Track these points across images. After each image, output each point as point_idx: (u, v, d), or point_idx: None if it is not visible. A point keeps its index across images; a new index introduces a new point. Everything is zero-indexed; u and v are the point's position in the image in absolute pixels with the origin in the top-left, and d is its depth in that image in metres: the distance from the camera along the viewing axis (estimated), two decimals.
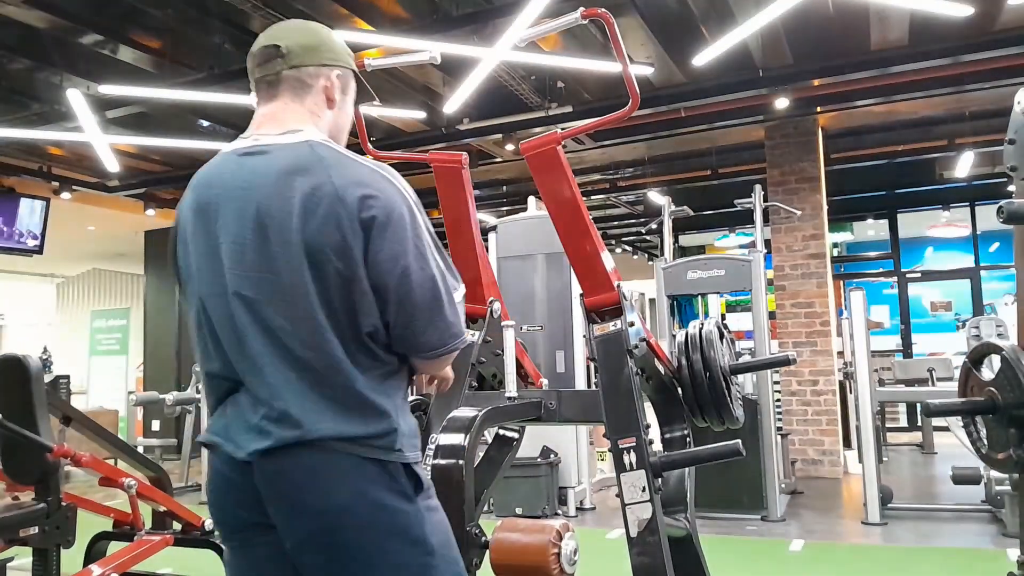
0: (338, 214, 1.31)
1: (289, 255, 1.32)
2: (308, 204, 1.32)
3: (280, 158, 1.36)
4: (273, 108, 1.44)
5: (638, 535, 1.90)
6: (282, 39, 1.43)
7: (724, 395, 2.23)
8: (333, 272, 1.32)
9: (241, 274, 1.35)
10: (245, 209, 1.36)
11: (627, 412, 1.96)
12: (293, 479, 1.30)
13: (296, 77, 1.43)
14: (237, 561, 1.42)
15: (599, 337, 2.04)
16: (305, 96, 1.44)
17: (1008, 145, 2.09)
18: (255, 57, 1.46)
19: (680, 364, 2.27)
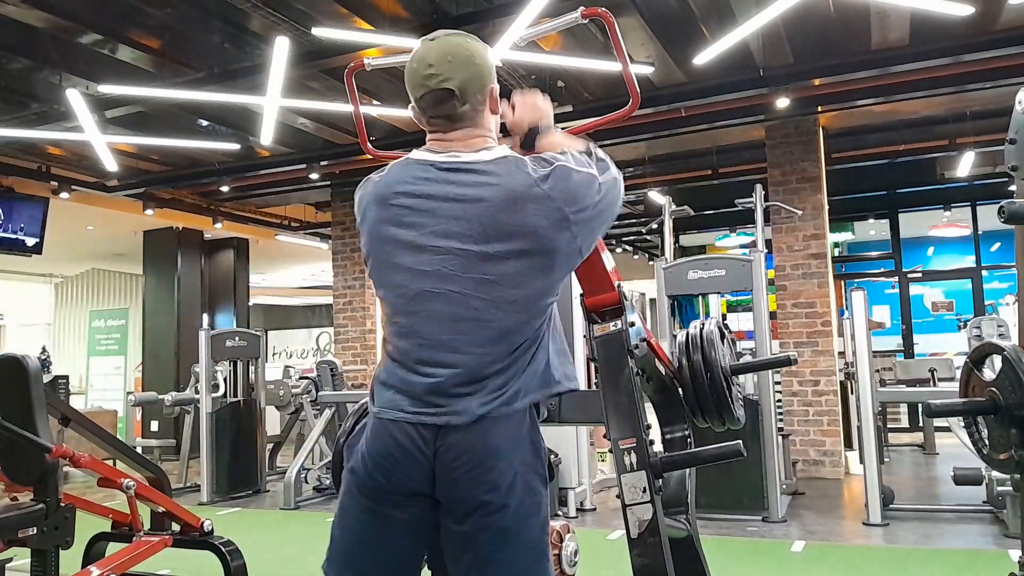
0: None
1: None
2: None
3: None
4: (457, 135, 1.58)
5: (639, 536, 1.88)
6: (451, 79, 1.52)
7: (725, 395, 2.22)
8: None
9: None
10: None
11: (627, 413, 1.95)
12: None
13: (471, 109, 1.56)
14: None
15: (599, 337, 2.03)
16: (481, 119, 1.58)
17: (1009, 145, 2.08)
18: (427, 98, 1.55)
19: (681, 364, 2.26)
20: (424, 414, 1.52)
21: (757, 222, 6.82)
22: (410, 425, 1.53)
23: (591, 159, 1.60)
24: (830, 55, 6.17)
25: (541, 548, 1.58)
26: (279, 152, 8.31)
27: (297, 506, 6.72)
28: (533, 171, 1.51)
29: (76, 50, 5.71)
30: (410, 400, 1.53)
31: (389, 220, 1.56)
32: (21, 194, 8.55)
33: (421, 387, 1.53)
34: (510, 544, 1.53)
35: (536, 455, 1.57)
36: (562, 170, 1.52)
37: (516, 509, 1.53)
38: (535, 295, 1.57)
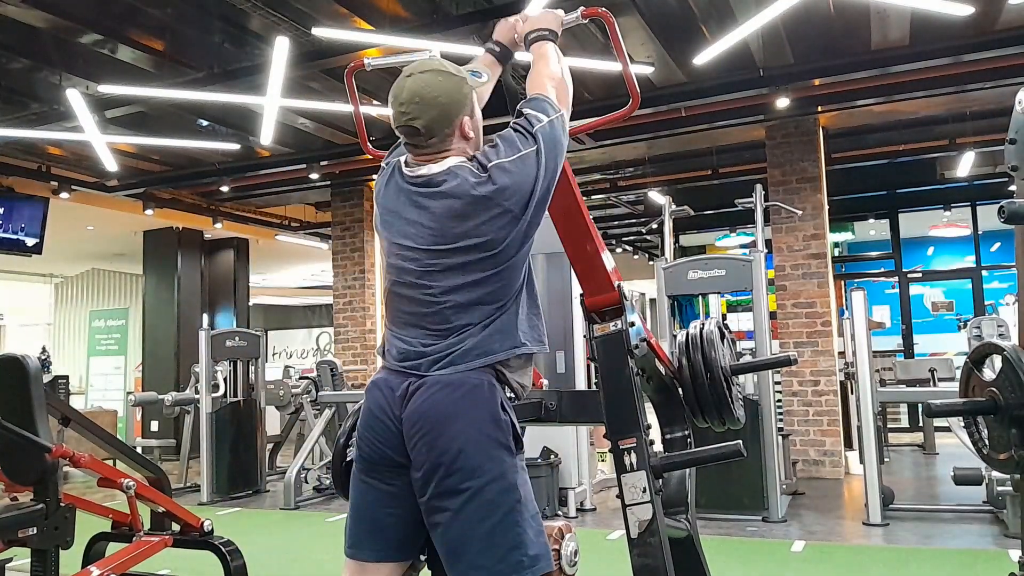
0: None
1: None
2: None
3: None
4: (424, 156, 1.77)
5: (639, 536, 1.89)
6: (418, 119, 1.71)
7: (725, 395, 2.22)
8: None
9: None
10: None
11: (627, 413, 1.95)
12: None
13: (438, 140, 1.74)
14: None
15: (599, 337, 2.03)
16: (449, 145, 1.76)
17: (1009, 145, 2.08)
18: (400, 130, 1.75)
19: (681, 364, 2.26)
20: (397, 370, 1.74)
21: (757, 222, 6.82)
22: (386, 388, 1.73)
23: (532, 114, 1.76)
24: (830, 55, 6.17)
25: (507, 511, 1.64)
26: (279, 152, 8.31)
27: (297, 506, 6.72)
28: (472, 176, 1.69)
29: (76, 50, 5.71)
30: (391, 361, 1.77)
31: (379, 219, 1.83)
32: (21, 194, 8.55)
33: (396, 351, 1.76)
34: (470, 507, 1.62)
35: (495, 422, 1.67)
36: (496, 170, 1.68)
37: (471, 473, 1.62)
38: (494, 278, 1.71)
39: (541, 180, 1.70)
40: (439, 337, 1.70)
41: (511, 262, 1.71)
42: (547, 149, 1.72)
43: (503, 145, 1.73)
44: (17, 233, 8.57)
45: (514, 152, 1.70)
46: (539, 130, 1.73)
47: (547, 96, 1.80)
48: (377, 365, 10.15)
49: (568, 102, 1.85)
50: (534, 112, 1.77)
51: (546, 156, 1.71)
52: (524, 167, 1.69)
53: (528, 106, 1.79)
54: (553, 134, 1.75)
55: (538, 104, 1.79)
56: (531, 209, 1.70)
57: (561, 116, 1.78)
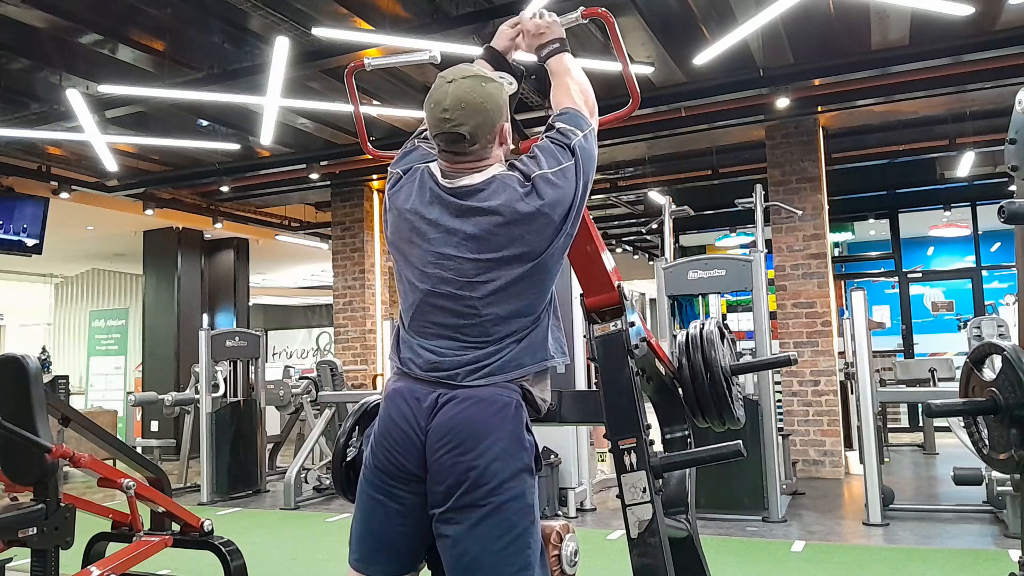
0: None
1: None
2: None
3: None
4: (463, 165, 1.75)
5: (639, 536, 1.88)
6: (464, 124, 1.68)
7: (725, 395, 2.22)
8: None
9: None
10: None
11: (627, 413, 1.95)
12: None
13: (480, 147, 1.73)
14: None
15: (599, 337, 2.03)
16: (489, 152, 1.75)
17: (1009, 145, 2.08)
18: (441, 137, 1.73)
19: (681, 364, 2.26)
20: (424, 380, 1.71)
21: (757, 222, 6.82)
22: (411, 398, 1.70)
23: (567, 128, 1.78)
24: (830, 55, 6.17)
25: (521, 531, 1.64)
26: (279, 152, 8.31)
27: (297, 506, 6.72)
28: (519, 187, 1.69)
29: (76, 50, 5.71)
30: (416, 368, 1.74)
31: (408, 227, 1.77)
32: (21, 194, 8.55)
33: (424, 361, 1.73)
34: (488, 522, 1.62)
35: (521, 442, 1.67)
36: (541, 181, 1.69)
37: (495, 489, 1.63)
38: (532, 288, 1.72)
39: (579, 193, 1.72)
40: (476, 348, 1.69)
41: (548, 273, 1.73)
42: (584, 162, 1.74)
43: (543, 156, 1.73)
44: (17, 233, 8.57)
45: (556, 164, 1.71)
46: (576, 144, 1.75)
47: (579, 110, 1.82)
48: (376, 366, 10.12)
49: (595, 112, 1.88)
50: (569, 127, 1.78)
51: (585, 170, 1.74)
52: (566, 180, 1.71)
53: (561, 119, 1.80)
54: (588, 148, 1.77)
55: (571, 118, 1.80)
56: (570, 221, 1.71)
57: (593, 130, 1.81)
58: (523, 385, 1.71)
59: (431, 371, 1.71)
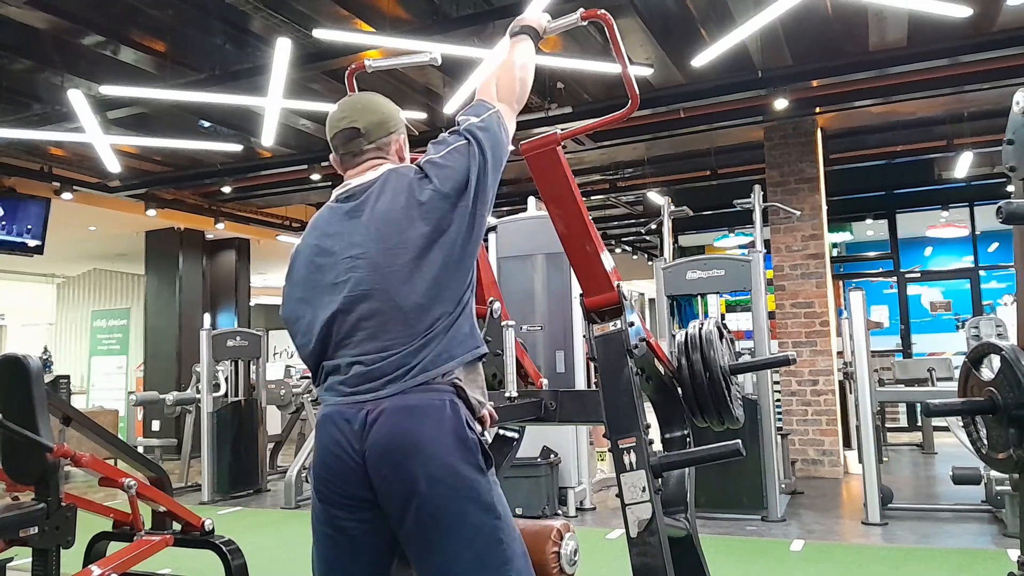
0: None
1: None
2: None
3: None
4: (359, 168, 1.80)
5: (638, 535, 1.90)
6: (358, 120, 1.78)
7: (724, 395, 2.23)
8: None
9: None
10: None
11: (627, 412, 1.96)
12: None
13: (376, 148, 1.80)
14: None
15: (599, 337, 2.04)
16: (386, 156, 1.81)
17: (1007, 145, 2.09)
18: (338, 136, 1.80)
19: (680, 364, 2.27)
20: (350, 399, 1.63)
21: (756, 222, 6.83)
22: (341, 421, 1.63)
23: (463, 118, 1.80)
24: (828, 56, 6.18)
25: (489, 531, 1.62)
26: (280, 153, 8.32)
27: (298, 505, 6.73)
28: (412, 173, 1.73)
29: (78, 51, 5.72)
30: (341, 386, 1.67)
31: (316, 251, 1.75)
32: (23, 194, 8.56)
33: (347, 378, 1.65)
34: (451, 532, 1.59)
35: (462, 443, 1.61)
36: (429, 165, 1.72)
37: (448, 500, 1.58)
38: (448, 270, 1.68)
39: (475, 168, 1.71)
40: (402, 346, 1.62)
41: (463, 252, 1.69)
42: (481, 141, 1.74)
43: (432, 147, 1.77)
44: (20, 234, 8.58)
45: (443, 148, 1.75)
46: (467, 127, 1.76)
47: (481, 100, 1.86)
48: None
49: (515, 96, 1.90)
50: (465, 116, 1.81)
51: (479, 148, 1.73)
52: (456, 158, 1.72)
53: (461, 113, 1.84)
54: (487, 127, 1.77)
55: (471, 110, 1.83)
56: (470, 197, 1.69)
57: (495, 113, 1.81)
58: (455, 383, 1.65)
59: (356, 387, 1.62)
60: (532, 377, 2.62)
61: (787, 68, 6.36)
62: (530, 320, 5.71)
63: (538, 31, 2.03)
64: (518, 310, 5.61)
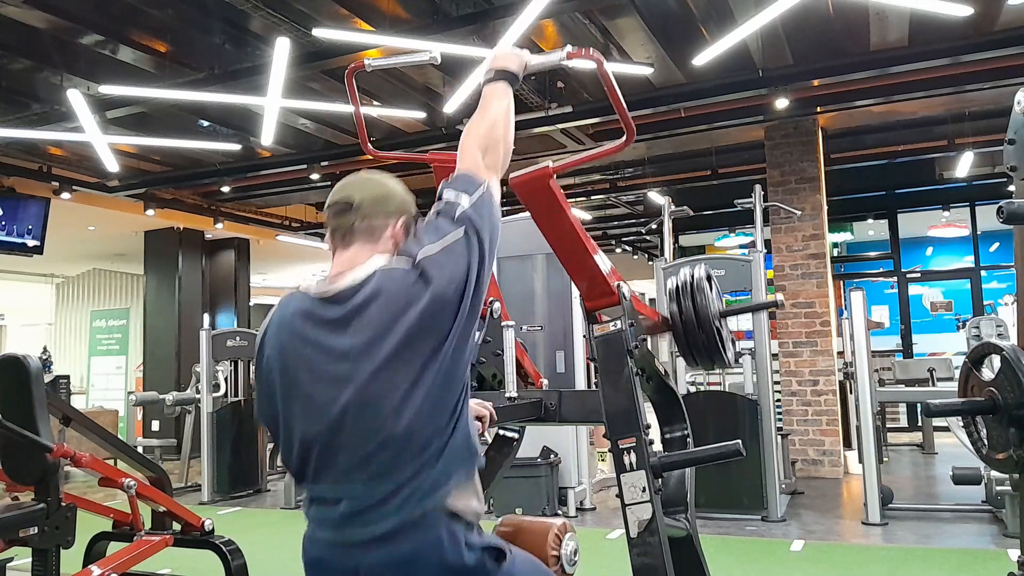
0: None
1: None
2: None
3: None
4: (348, 254, 1.58)
5: (638, 535, 1.89)
6: (355, 194, 1.59)
7: (715, 339, 2.23)
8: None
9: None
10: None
11: (627, 412, 1.96)
12: None
13: (369, 226, 1.58)
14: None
15: (599, 337, 2.04)
16: (378, 241, 1.58)
17: (1008, 145, 2.08)
18: (331, 209, 1.61)
19: (672, 311, 2.27)
20: (339, 534, 1.48)
21: (756, 222, 6.83)
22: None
23: (453, 198, 1.57)
24: (829, 56, 6.18)
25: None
26: (280, 152, 8.32)
27: (297, 505, 6.72)
28: (405, 268, 1.50)
29: (77, 51, 5.72)
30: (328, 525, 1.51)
31: (284, 364, 1.55)
32: (22, 194, 8.55)
33: (330, 519, 1.50)
34: None
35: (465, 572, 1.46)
36: (427, 263, 1.49)
37: None
38: (446, 380, 1.48)
39: (475, 265, 1.52)
40: (393, 478, 1.44)
41: (461, 356, 1.51)
42: (476, 231, 1.53)
43: (426, 235, 1.55)
44: (21, 235, 8.58)
45: (439, 238, 1.52)
46: (462, 215, 1.54)
47: (468, 170, 1.62)
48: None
49: (501, 161, 1.68)
50: (455, 194, 1.58)
51: (477, 239, 1.53)
52: (454, 256, 1.51)
53: (449, 187, 1.60)
54: (482, 211, 1.56)
55: (460, 182, 1.60)
56: (468, 297, 1.50)
57: (486, 190, 1.59)
58: (448, 508, 1.46)
59: (344, 526, 1.47)
60: (532, 377, 2.61)
61: (788, 68, 6.35)
62: (530, 320, 5.70)
63: (517, 75, 1.78)
64: (518, 310, 5.60)
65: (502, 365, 2.42)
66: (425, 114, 6.88)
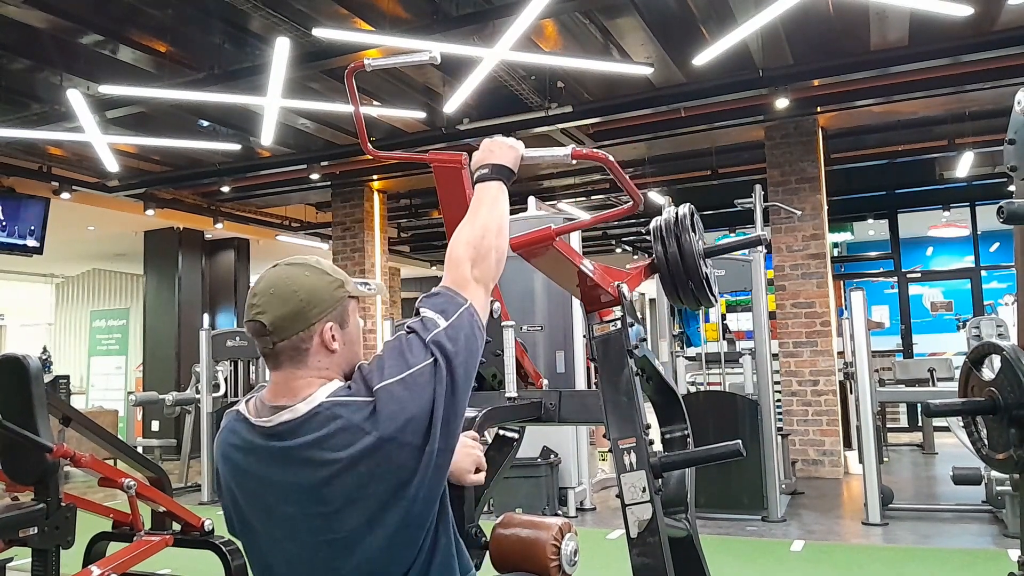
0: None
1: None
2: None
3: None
4: (280, 376, 1.41)
5: (638, 536, 1.89)
6: (264, 313, 1.38)
7: (700, 277, 2.23)
8: None
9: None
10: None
11: (627, 412, 1.96)
12: None
13: (291, 347, 1.38)
14: None
15: (599, 337, 2.04)
16: (306, 359, 1.40)
17: (1008, 145, 2.08)
18: (247, 327, 1.43)
19: (656, 250, 2.27)
20: None
21: (756, 222, 6.82)
22: None
23: (429, 318, 1.42)
24: (829, 56, 6.18)
25: None
26: (280, 152, 8.32)
27: None
28: (356, 409, 1.32)
29: (77, 51, 5.71)
30: None
31: (241, 511, 1.49)
32: (22, 194, 8.55)
33: None
34: None
35: None
36: (382, 394, 1.32)
37: None
38: (406, 525, 1.34)
39: (441, 397, 1.34)
40: None
41: (428, 500, 1.35)
42: (450, 358, 1.36)
43: (389, 360, 1.38)
44: (22, 235, 8.58)
45: (403, 369, 1.35)
46: (434, 339, 1.37)
47: (451, 286, 1.47)
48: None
49: (491, 273, 1.53)
50: (432, 315, 1.42)
51: (448, 368, 1.35)
52: (415, 388, 1.33)
53: (426, 305, 1.45)
54: (455, 337, 1.39)
55: (438, 301, 1.45)
56: (436, 435, 1.32)
57: (466, 311, 1.43)
58: None
59: None
60: (532, 377, 2.61)
61: (788, 67, 6.35)
62: (530, 320, 5.69)
63: (512, 169, 1.65)
64: (518, 310, 5.59)
65: (502, 365, 2.41)
66: (425, 114, 6.88)
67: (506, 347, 2.42)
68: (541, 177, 9.31)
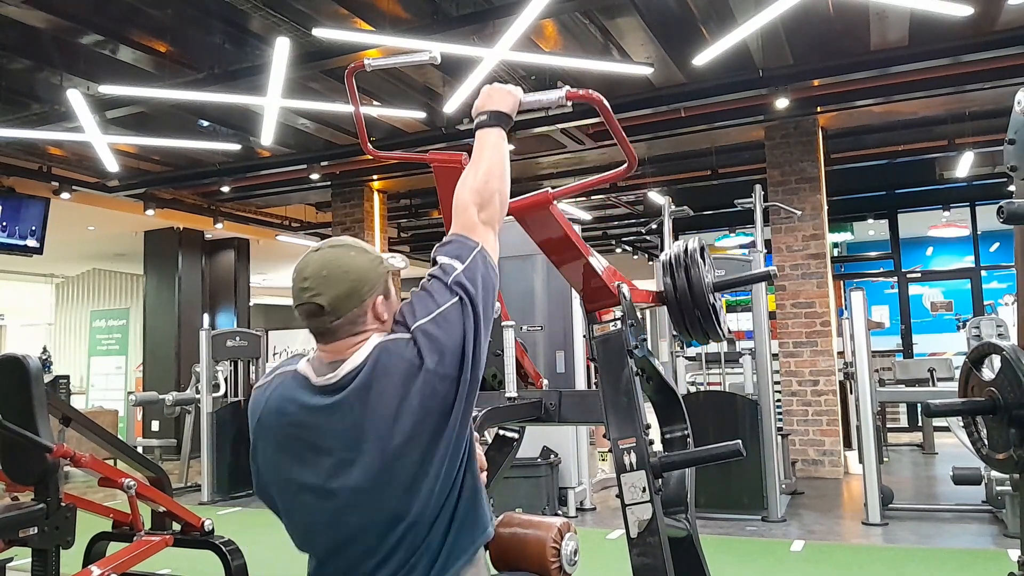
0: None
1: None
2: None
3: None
4: (333, 347, 1.52)
5: (638, 536, 1.89)
6: (321, 294, 1.48)
7: (709, 312, 2.23)
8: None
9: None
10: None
11: (627, 412, 1.96)
12: None
13: (346, 323, 1.50)
14: None
15: (599, 337, 2.04)
16: (360, 329, 1.51)
17: (1008, 145, 2.08)
18: (301, 310, 1.52)
19: (665, 284, 2.27)
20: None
21: (756, 222, 6.82)
22: None
23: (447, 262, 1.54)
24: (829, 56, 6.18)
25: None
26: (280, 152, 8.32)
27: None
28: (403, 347, 1.46)
29: (77, 51, 5.71)
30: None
31: (277, 454, 1.52)
32: (22, 194, 8.55)
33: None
34: None
35: None
36: (420, 335, 1.46)
37: None
38: (452, 452, 1.46)
39: (470, 332, 1.48)
40: (402, 559, 1.43)
41: (460, 433, 1.47)
42: (472, 296, 1.50)
43: (417, 302, 1.52)
44: (22, 235, 8.58)
45: (433, 308, 1.49)
46: (456, 281, 1.51)
47: (461, 232, 1.59)
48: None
49: (497, 215, 1.63)
50: (448, 260, 1.55)
51: (472, 305, 1.50)
52: (448, 325, 1.48)
53: (442, 252, 1.58)
54: (473, 277, 1.52)
55: (452, 247, 1.57)
56: (468, 366, 1.47)
57: (479, 253, 1.56)
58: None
59: None
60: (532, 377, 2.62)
61: (788, 67, 6.35)
62: (530, 320, 5.70)
63: (510, 115, 1.72)
64: (518, 310, 5.60)
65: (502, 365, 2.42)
66: (425, 114, 6.88)
67: (506, 347, 2.42)
68: (541, 177, 9.31)
